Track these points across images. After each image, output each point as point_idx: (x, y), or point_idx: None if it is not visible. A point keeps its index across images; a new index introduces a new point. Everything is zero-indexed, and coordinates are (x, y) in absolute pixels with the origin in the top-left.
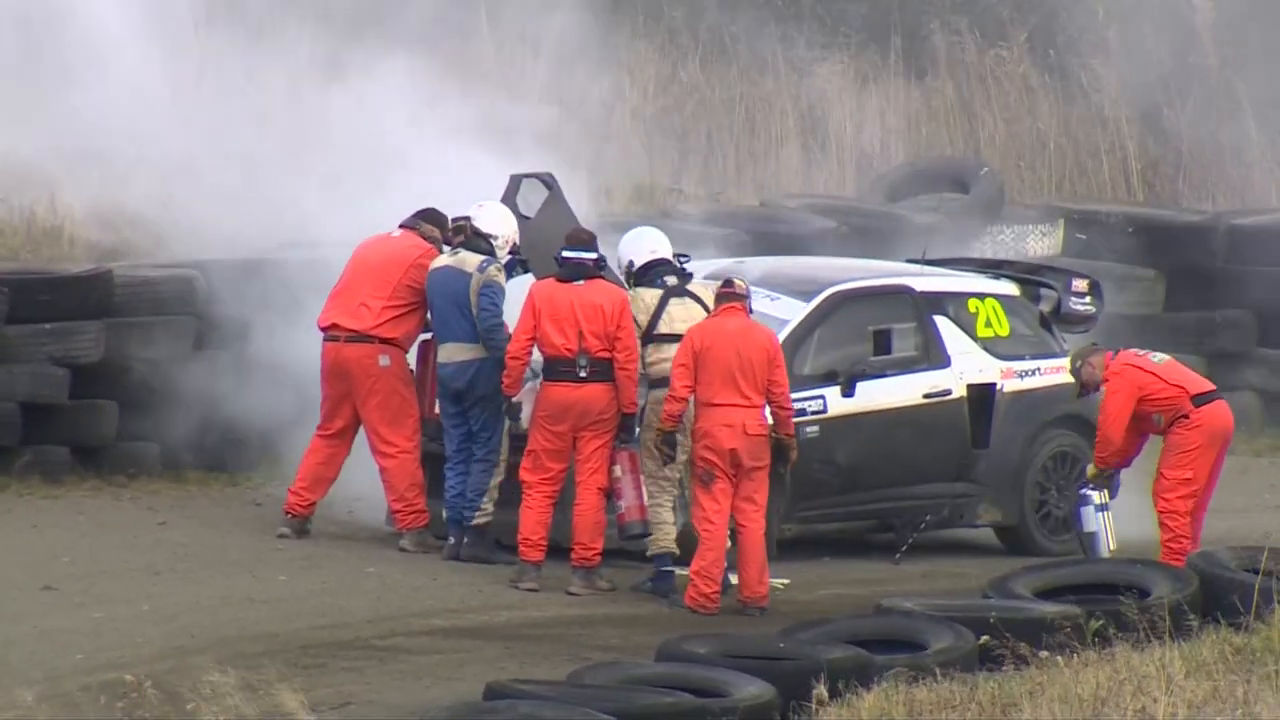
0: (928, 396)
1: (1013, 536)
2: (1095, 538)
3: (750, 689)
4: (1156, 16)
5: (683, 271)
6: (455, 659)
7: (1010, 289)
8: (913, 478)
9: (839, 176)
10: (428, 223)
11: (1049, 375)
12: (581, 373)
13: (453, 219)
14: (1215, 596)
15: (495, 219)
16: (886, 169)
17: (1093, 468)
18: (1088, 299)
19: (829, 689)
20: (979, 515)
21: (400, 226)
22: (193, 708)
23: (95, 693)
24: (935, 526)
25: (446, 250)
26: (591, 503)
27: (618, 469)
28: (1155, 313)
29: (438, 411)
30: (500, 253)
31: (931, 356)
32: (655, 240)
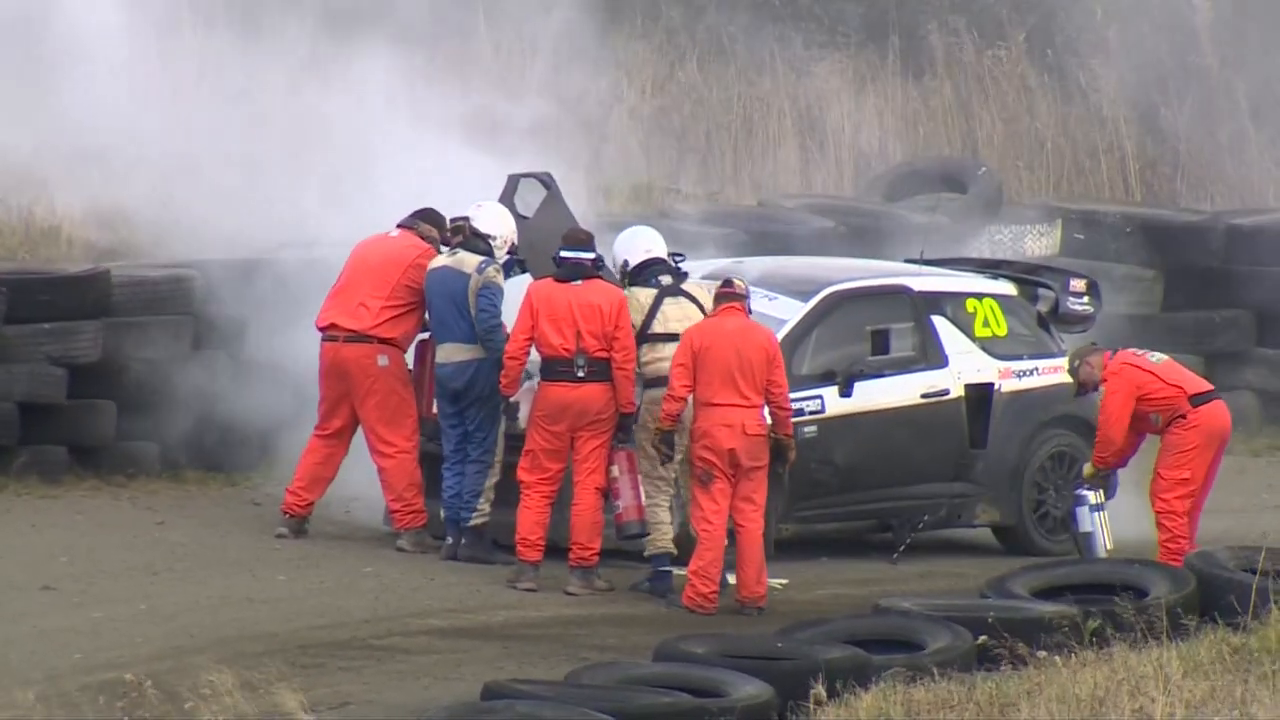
0: (925, 396)
1: (1010, 536)
2: (1091, 538)
3: (748, 689)
4: (1156, 16)
5: (678, 271)
6: (453, 659)
7: (1008, 289)
8: (911, 478)
9: (837, 176)
10: (426, 222)
11: (1047, 375)
12: (579, 373)
13: (451, 219)
14: (1213, 596)
15: (494, 219)
16: (884, 169)
17: (1090, 467)
18: (1086, 299)
19: (827, 689)
20: (977, 515)
21: (398, 226)
22: (191, 707)
23: (94, 692)
24: (933, 526)
25: (444, 250)
26: (589, 503)
27: (615, 469)
28: (1154, 313)
29: (435, 411)
30: (499, 253)
31: (929, 356)
32: (650, 239)
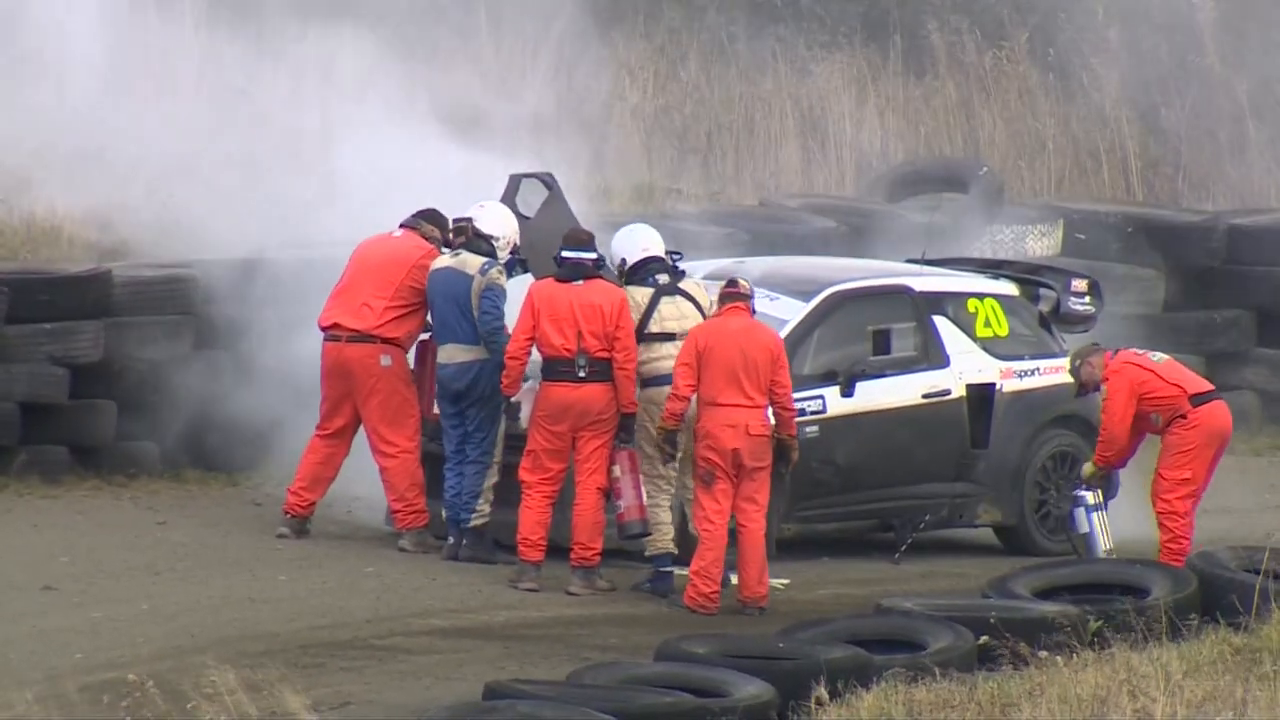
0: (927, 396)
1: (1012, 536)
2: (1090, 538)
3: (750, 689)
4: (1156, 16)
5: (675, 269)
6: (455, 659)
7: (1009, 289)
8: (912, 477)
9: (838, 176)
10: (428, 223)
11: (1048, 375)
12: (580, 373)
13: (453, 220)
14: (1214, 596)
15: (497, 220)
16: (886, 169)
17: (1090, 466)
18: (1087, 299)
19: (828, 689)
20: (978, 515)
21: (401, 226)
22: (194, 707)
23: (95, 692)
24: (934, 526)
25: (447, 251)
26: (591, 502)
27: (617, 469)
28: (1155, 313)
29: (436, 411)
30: (501, 254)
31: (931, 356)
32: (648, 238)
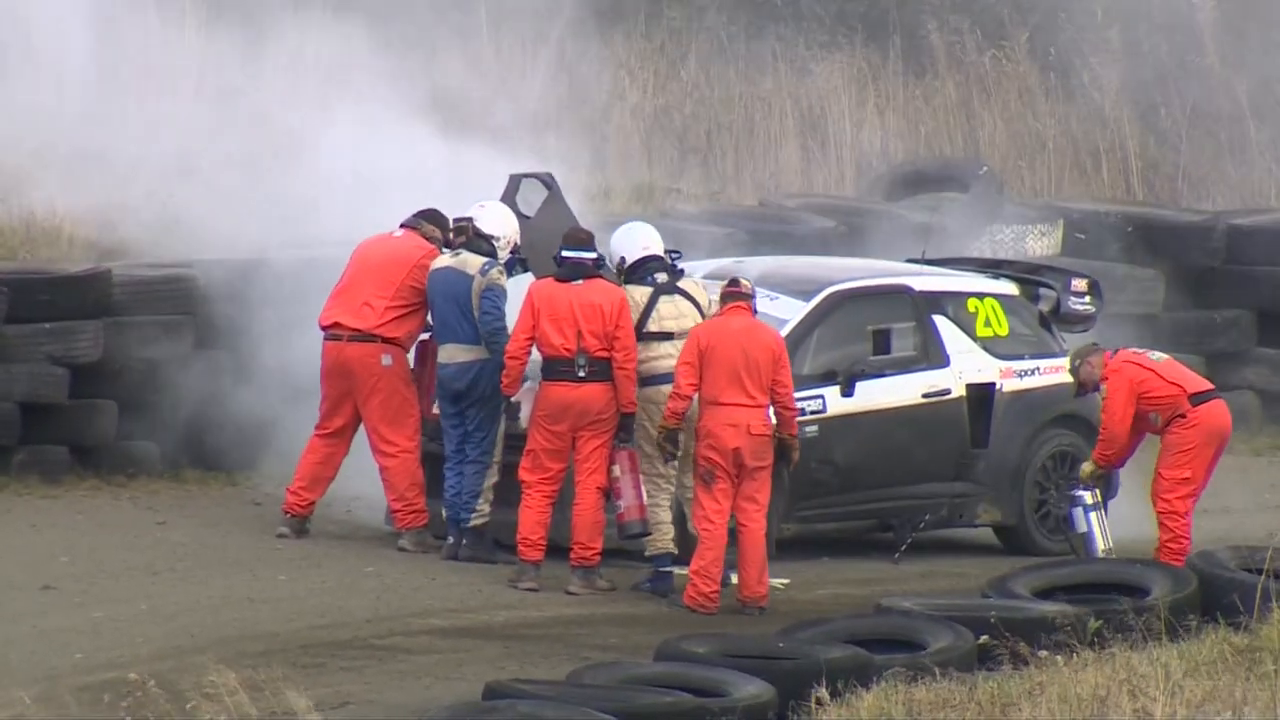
0: (927, 396)
1: (1012, 536)
2: (1088, 538)
3: (749, 689)
4: (1156, 16)
5: (674, 268)
6: (455, 659)
7: (1009, 289)
8: (912, 477)
9: (838, 176)
10: (429, 223)
11: (1048, 375)
12: (580, 372)
13: (453, 220)
14: (1215, 596)
15: (497, 220)
16: (886, 168)
17: (1089, 465)
18: (1087, 299)
19: (828, 689)
20: (978, 515)
21: (401, 226)
22: (194, 707)
23: (96, 692)
24: (934, 526)
25: (447, 251)
26: (590, 502)
27: (617, 469)
28: (1155, 313)
29: (436, 411)
30: (502, 254)
31: (931, 356)
32: (647, 236)
